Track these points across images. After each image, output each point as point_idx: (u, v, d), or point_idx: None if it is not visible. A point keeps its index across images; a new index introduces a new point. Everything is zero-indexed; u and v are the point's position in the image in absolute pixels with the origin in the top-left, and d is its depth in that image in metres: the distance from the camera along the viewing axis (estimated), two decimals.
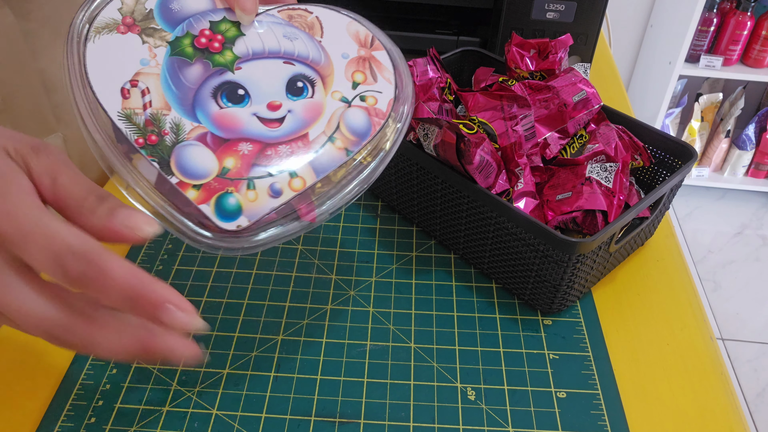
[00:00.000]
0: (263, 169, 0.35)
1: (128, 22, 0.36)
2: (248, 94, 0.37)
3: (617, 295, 0.49)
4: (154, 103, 0.35)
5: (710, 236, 1.96)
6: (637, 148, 0.50)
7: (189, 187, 0.34)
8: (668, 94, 1.85)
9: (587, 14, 0.69)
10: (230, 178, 0.34)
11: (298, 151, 0.36)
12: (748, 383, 1.54)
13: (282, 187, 0.35)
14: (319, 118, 0.37)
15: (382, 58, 0.39)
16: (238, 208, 0.34)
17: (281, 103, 0.37)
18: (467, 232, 0.49)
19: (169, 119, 0.35)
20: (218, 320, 0.46)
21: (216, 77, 0.36)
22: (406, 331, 0.46)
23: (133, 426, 0.40)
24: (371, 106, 0.38)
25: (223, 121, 0.36)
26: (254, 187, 0.35)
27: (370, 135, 0.37)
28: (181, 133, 0.35)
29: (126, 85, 0.35)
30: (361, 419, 0.40)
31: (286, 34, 0.38)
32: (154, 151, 0.34)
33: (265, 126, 0.36)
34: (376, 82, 0.39)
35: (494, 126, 0.49)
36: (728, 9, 1.76)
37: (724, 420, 0.40)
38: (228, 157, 0.35)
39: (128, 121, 0.34)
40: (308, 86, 0.38)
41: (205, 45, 0.37)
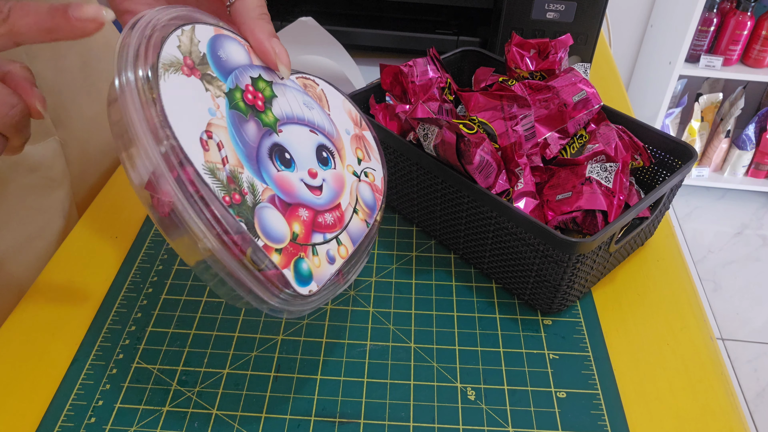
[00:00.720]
0: (320, 236, 0.37)
1: (189, 63, 0.34)
2: (293, 159, 0.37)
3: (617, 295, 0.49)
4: (230, 159, 0.33)
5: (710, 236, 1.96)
6: (637, 148, 0.50)
7: (272, 251, 0.34)
8: (668, 94, 1.85)
9: (587, 14, 0.69)
10: (300, 243, 0.36)
11: (338, 220, 0.38)
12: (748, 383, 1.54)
13: (335, 254, 0.37)
14: (344, 189, 0.39)
15: (370, 138, 0.43)
16: (310, 274, 0.35)
17: (317, 172, 0.38)
18: (467, 232, 0.49)
19: (245, 178, 0.34)
20: (218, 320, 0.46)
21: (268, 138, 0.36)
22: (406, 331, 0.46)
23: (133, 426, 0.40)
24: (372, 182, 0.42)
25: (283, 185, 0.36)
26: (317, 253, 0.36)
27: (377, 208, 0.41)
28: (257, 195, 0.34)
29: (203, 136, 0.33)
30: (361, 419, 0.40)
31: (305, 102, 0.40)
32: (241, 210, 0.33)
33: (312, 193, 0.37)
34: (371, 161, 0.42)
35: (494, 126, 0.49)
36: (728, 9, 1.76)
37: (724, 420, 0.40)
38: (294, 222, 0.36)
39: (213, 176, 0.32)
40: (331, 157, 0.40)
41: (252, 102, 0.36)
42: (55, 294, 0.48)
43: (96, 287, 0.49)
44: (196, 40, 0.35)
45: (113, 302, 0.48)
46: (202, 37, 0.35)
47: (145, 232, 0.54)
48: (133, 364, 0.43)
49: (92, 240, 0.53)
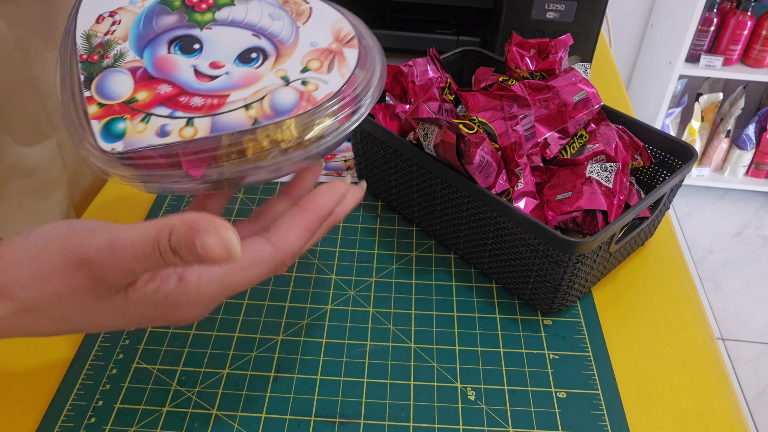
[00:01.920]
0: (166, 110, 0.36)
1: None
2: (201, 50, 0.39)
3: (617, 295, 0.49)
4: (117, 33, 0.39)
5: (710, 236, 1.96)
6: (638, 148, 0.50)
7: (94, 103, 0.36)
8: (668, 94, 1.85)
9: (587, 14, 0.69)
10: (132, 108, 0.36)
11: (208, 107, 0.36)
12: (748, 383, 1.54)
13: (172, 129, 0.35)
14: (249, 86, 0.38)
15: (349, 56, 0.39)
16: (121, 134, 0.35)
17: (224, 65, 0.38)
18: (467, 232, 0.48)
19: (118, 48, 0.38)
20: (218, 320, 0.46)
21: (182, 29, 0.39)
22: (406, 331, 0.46)
23: (133, 426, 0.40)
24: (308, 91, 0.37)
25: (162, 64, 0.38)
26: (148, 121, 0.36)
27: (287, 116, 0.36)
28: (119, 61, 0.38)
29: (104, 13, 0.39)
30: (361, 419, 0.40)
31: (272, 14, 0.40)
32: (88, 67, 0.37)
33: (196, 78, 0.38)
34: (328, 74, 0.38)
35: (494, 126, 0.49)
36: (728, 9, 1.76)
37: (724, 420, 0.40)
38: (144, 91, 0.37)
39: (85, 39, 0.38)
40: (260, 58, 0.39)
41: (193, 3, 0.40)
42: None
43: None
44: None
45: None
46: None
47: None
48: (133, 364, 0.43)
49: None
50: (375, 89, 0.38)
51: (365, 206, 0.57)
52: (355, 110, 0.37)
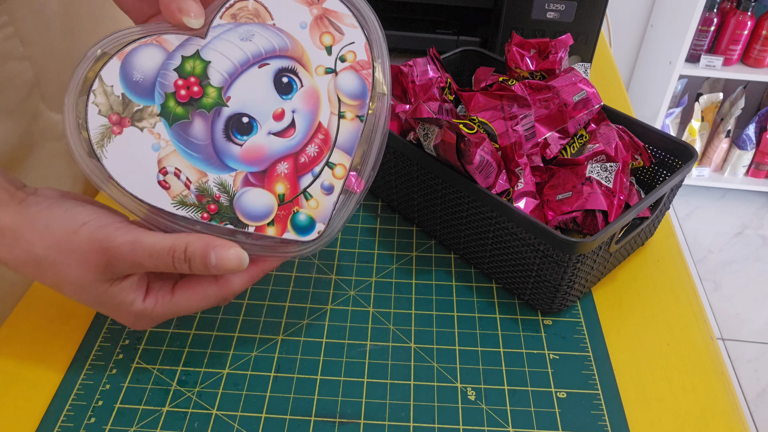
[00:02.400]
0: (308, 177, 0.38)
1: (115, 119, 0.36)
2: (253, 119, 0.37)
3: (617, 295, 0.49)
4: (191, 178, 0.37)
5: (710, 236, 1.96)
6: (638, 148, 0.50)
7: (265, 227, 0.38)
8: (668, 94, 1.85)
9: (587, 14, 0.69)
10: (289, 201, 0.38)
11: (323, 143, 0.38)
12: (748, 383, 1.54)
13: (330, 181, 0.38)
14: (320, 102, 0.38)
15: (335, 6, 0.38)
16: (310, 221, 0.38)
17: (283, 108, 0.37)
18: (467, 232, 0.48)
19: (211, 183, 0.37)
20: (218, 320, 0.46)
21: (218, 119, 0.37)
22: (406, 331, 0.46)
23: (133, 426, 0.40)
24: (354, 61, 0.38)
25: (251, 156, 0.37)
26: (311, 195, 0.38)
27: (368, 91, 0.38)
28: (230, 189, 0.37)
29: (159, 177, 0.37)
30: (361, 419, 0.40)
31: (241, 35, 0.37)
32: (221, 216, 0.37)
33: (284, 138, 0.38)
34: (344, 35, 0.38)
35: (494, 126, 0.49)
36: (728, 9, 1.76)
37: (724, 420, 0.40)
38: (276, 184, 0.38)
39: (185, 206, 0.37)
40: (293, 78, 0.38)
41: (188, 96, 0.37)
42: (55, 294, 0.48)
43: None
44: (108, 87, 0.36)
45: None
46: (112, 78, 0.36)
47: None
48: (133, 364, 0.43)
49: None
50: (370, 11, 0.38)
51: (365, 206, 0.57)
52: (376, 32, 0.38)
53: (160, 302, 0.38)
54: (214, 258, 0.35)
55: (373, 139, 0.38)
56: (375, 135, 0.38)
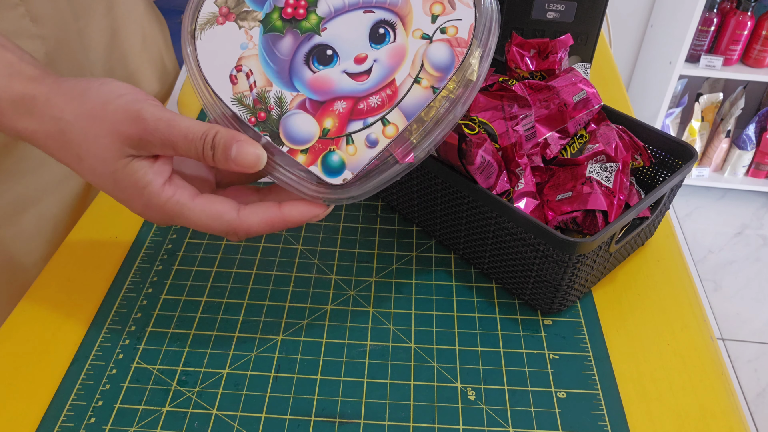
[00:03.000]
0: (358, 123, 0.38)
1: (224, 12, 0.39)
2: (336, 53, 0.39)
3: (617, 295, 0.49)
4: (258, 83, 0.39)
5: (710, 236, 1.96)
6: (638, 148, 0.50)
7: (297, 152, 0.38)
8: (668, 94, 1.85)
9: (587, 14, 0.69)
10: (331, 138, 0.38)
11: (387, 99, 0.38)
12: (748, 383, 1.54)
13: (377, 136, 0.37)
14: (403, 61, 0.38)
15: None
16: (341, 164, 0.37)
17: (366, 55, 0.38)
18: (467, 232, 0.48)
19: (272, 94, 0.38)
20: (218, 320, 0.46)
21: (306, 43, 0.39)
22: (406, 331, 0.46)
23: (133, 426, 0.40)
24: (453, 36, 0.38)
25: (318, 85, 0.38)
26: (353, 141, 0.38)
27: (454, 67, 0.37)
28: (284, 105, 0.38)
29: (233, 72, 0.39)
30: (361, 419, 0.40)
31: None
32: (265, 126, 0.38)
33: (355, 81, 0.38)
34: (455, 10, 0.38)
35: (495, 126, 0.49)
36: (728, 9, 1.76)
37: (724, 420, 0.40)
38: (326, 117, 0.38)
39: (240, 104, 0.38)
40: (389, 31, 0.39)
41: (291, 15, 0.39)
42: (55, 294, 0.48)
43: (96, 287, 0.49)
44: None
45: (113, 302, 0.48)
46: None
47: (145, 232, 0.54)
48: (133, 364, 0.43)
49: (92, 240, 0.53)
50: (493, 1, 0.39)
51: (365, 206, 0.57)
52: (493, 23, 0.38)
53: (176, 197, 0.37)
54: (235, 150, 0.36)
55: (442, 121, 0.37)
56: (447, 117, 0.37)
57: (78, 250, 0.52)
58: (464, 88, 0.37)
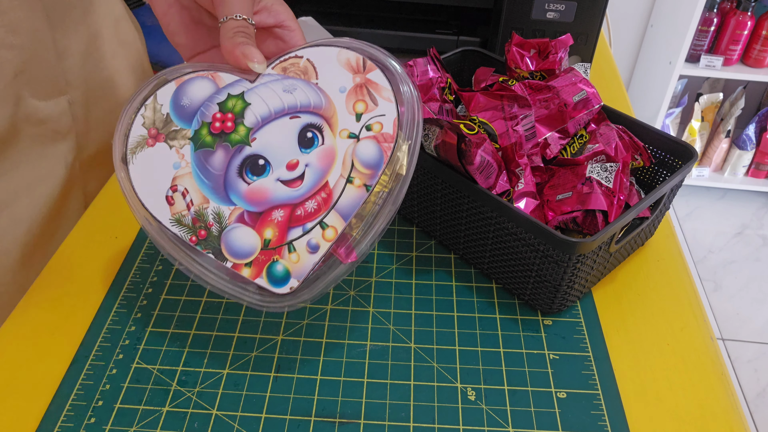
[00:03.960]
0: (298, 230, 0.38)
1: (153, 133, 0.40)
2: (268, 162, 0.39)
3: (617, 295, 0.49)
4: (195, 201, 0.39)
5: (710, 236, 1.96)
6: (638, 148, 0.50)
7: (242, 267, 0.38)
8: (668, 94, 1.85)
9: (587, 14, 0.69)
10: (273, 247, 0.38)
11: (323, 202, 0.38)
12: (748, 383, 1.54)
13: (317, 241, 0.38)
14: (334, 162, 0.39)
15: (377, 78, 0.39)
16: (286, 273, 0.38)
17: (298, 160, 0.39)
18: (467, 232, 0.48)
19: (210, 210, 0.39)
20: (218, 320, 0.46)
21: (237, 156, 0.39)
22: (406, 331, 0.46)
23: (133, 426, 0.40)
24: (378, 132, 0.39)
25: (254, 196, 0.39)
26: (295, 249, 0.38)
27: (384, 163, 0.38)
28: (223, 220, 0.39)
29: (168, 193, 0.39)
30: (361, 419, 0.40)
31: (285, 87, 0.40)
32: (206, 243, 0.39)
33: (289, 188, 0.39)
34: (377, 106, 0.39)
35: (495, 126, 0.49)
36: (728, 9, 1.76)
37: (724, 420, 0.40)
38: (266, 228, 0.38)
39: (179, 225, 0.39)
40: (317, 134, 0.39)
41: (220, 129, 0.40)
42: (55, 294, 0.48)
43: (96, 287, 0.49)
44: (158, 105, 0.40)
45: (113, 302, 0.48)
46: (164, 98, 0.40)
47: (144, 232, 0.54)
48: (133, 364, 0.43)
49: (92, 240, 0.53)
50: (413, 87, 0.39)
51: None
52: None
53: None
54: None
55: (378, 217, 0.38)
56: (382, 212, 0.38)
57: (78, 250, 0.52)
58: (395, 182, 0.38)
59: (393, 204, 0.38)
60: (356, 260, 0.38)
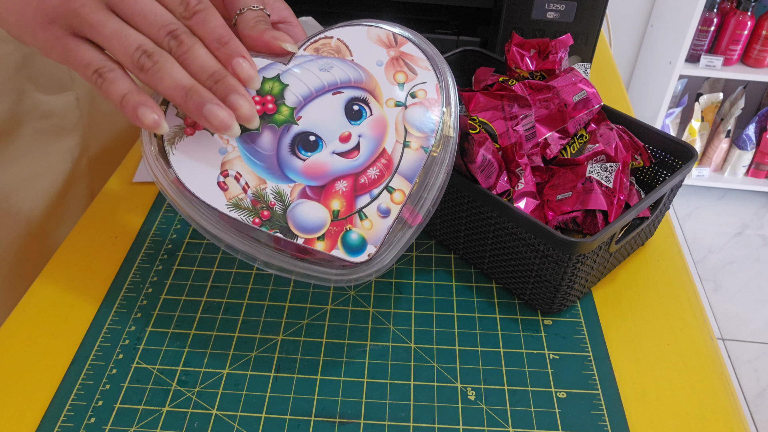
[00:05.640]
0: (365, 197, 0.38)
1: (190, 122, 0.39)
2: (320, 138, 0.39)
3: (617, 295, 0.49)
4: (251, 183, 0.38)
5: (710, 236, 1.96)
6: (638, 148, 0.50)
7: (314, 241, 0.38)
8: (668, 94, 1.85)
9: (587, 14, 0.69)
10: (343, 218, 0.38)
11: (385, 168, 0.39)
12: (748, 383, 1.54)
13: (387, 205, 0.38)
14: (387, 130, 0.39)
15: (412, 50, 0.41)
16: (362, 241, 0.38)
17: (350, 132, 0.39)
18: (467, 232, 0.48)
19: (269, 191, 0.38)
20: (218, 320, 0.46)
21: (286, 135, 0.39)
22: (406, 331, 0.46)
23: (133, 426, 0.40)
24: (424, 98, 0.40)
25: (312, 171, 0.38)
26: (366, 216, 0.38)
27: (436, 126, 0.39)
28: (286, 198, 0.38)
29: (220, 179, 0.38)
30: (361, 419, 0.40)
31: (321, 66, 0.40)
32: (272, 224, 0.38)
33: (347, 159, 0.39)
34: (417, 75, 0.40)
35: (495, 126, 0.49)
36: (728, 9, 1.76)
37: (724, 420, 0.40)
38: (332, 200, 0.38)
39: (238, 209, 0.38)
40: (363, 106, 0.40)
41: (261, 111, 0.39)
42: (55, 294, 0.48)
43: (96, 287, 0.49)
44: None
45: (113, 302, 0.48)
46: None
47: (145, 232, 0.54)
48: (133, 364, 0.43)
49: (92, 240, 0.53)
50: (443, 61, 0.41)
51: None
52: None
53: None
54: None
55: (435, 178, 0.39)
56: (439, 174, 0.39)
57: (78, 250, 0.52)
58: (445, 144, 0.39)
59: (447, 164, 0.39)
60: (422, 221, 0.38)
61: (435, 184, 0.39)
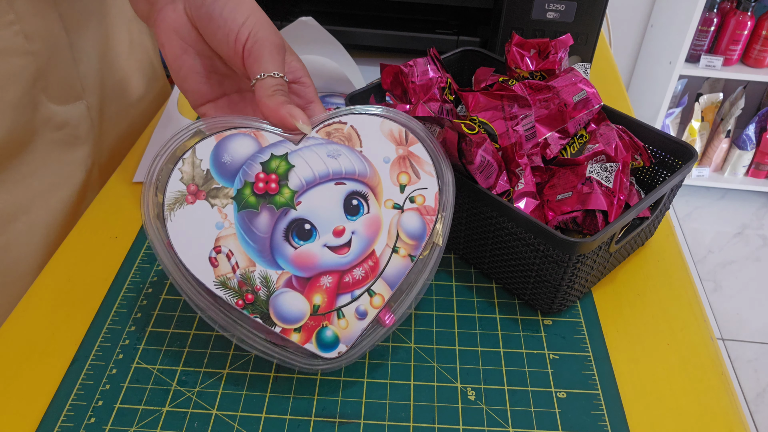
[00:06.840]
0: (346, 297, 0.39)
1: (193, 190, 0.38)
2: (314, 227, 0.39)
3: (617, 295, 0.49)
4: (240, 263, 0.38)
5: (710, 236, 1.96)
6: (638, 148, 0.50)
7: (291, 332, 0.38)
8: (668, 94, 1.85)
9: (587, 14, 0.69)
10: (322, 314, 0.38)
11: (371, 270, 0.39)
12: (748, 383, 1.54)
13: (366, 308, 0.39)
14: (379, 232, 0.39)
15: (420, 152, 0.41)
16: (335, 339, 0.38)
17: (344, 227, 0.39)
18: (467, 233, 0.48)
19: (257, 274, 0.38)
20: None
21: (283, 219, 0.39)
22: (406, 331, 0.46)
23: (133, 426, 0.40)
24: (421, 205, 0.40)
25: (301, 261, 0.39)
26: (343, 315, 0.39)
27: (426, 235, 0.40)
28: (271, 284, 0.38)
29: (212, 254, 0.38)
30: (361, 419, 0.40)
31: (329, 152, 0.40)
32: (254, 308, 0.38)
33: (337, 254, 0.39)
34: (419, 179, 0.41)
35: (495, 126, 0.49)
36: (728, 9, 1.76)
37: (724, 420, 0.40)
38: (315, 293, 0.38)
39: (225, 288, 0.38)
40: (362, 202, 0.40)
41: (264, 189, 0.39)
42: (55, 294, 0.48)
43: (96, 287, 0.49)
44: (197, 161, 0.38)
45: (113, 302, 0.48)
46: (204, 153, 0.39)
47: (145, 232, 0.53)
48: (133, 364, 0.43)
49: (92, 240, 0.53)
50: (448, 166, 0.42)
51: None
52: None
53: None
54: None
55: (415, 283, 0.40)
56: (419, 279, 0.40)
57: (78, 250, 0.52)
58: (431, 251, 0.40)
59: (429, 272, 0.40)
60: (395, 323, 0.39)
61: (414, 289, 0.40)
